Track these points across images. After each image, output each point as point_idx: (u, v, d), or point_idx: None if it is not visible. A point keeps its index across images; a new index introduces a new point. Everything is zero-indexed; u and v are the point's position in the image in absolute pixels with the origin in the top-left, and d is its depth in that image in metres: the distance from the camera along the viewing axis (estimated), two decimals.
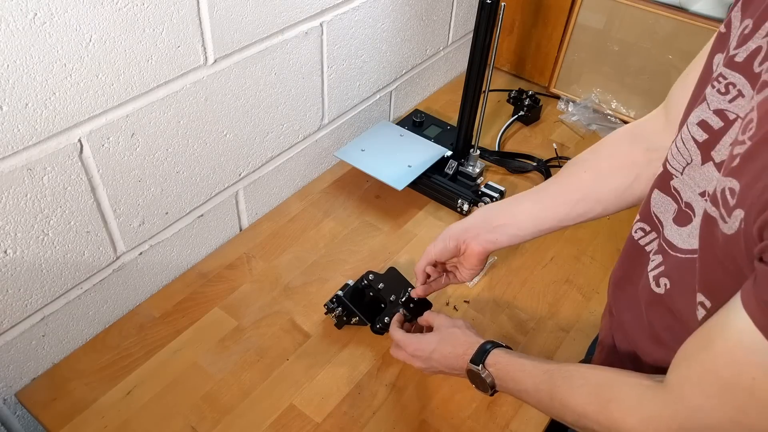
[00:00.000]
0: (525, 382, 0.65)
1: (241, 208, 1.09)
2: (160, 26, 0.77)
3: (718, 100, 0.50)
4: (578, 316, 0.99)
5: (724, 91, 0.49)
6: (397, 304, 0.90)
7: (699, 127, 0.51)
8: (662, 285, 0.56)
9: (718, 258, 0.46)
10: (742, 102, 0.47)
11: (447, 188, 1.17)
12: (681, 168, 0.54)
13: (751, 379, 0.41)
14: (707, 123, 0.50)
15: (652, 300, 0.58)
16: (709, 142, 0.50)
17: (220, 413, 0.84)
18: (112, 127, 0.79)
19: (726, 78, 0.49)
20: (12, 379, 0.85)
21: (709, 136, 0.50)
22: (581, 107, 1.42)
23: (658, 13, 1.26)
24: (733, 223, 0.43)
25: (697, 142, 0.52)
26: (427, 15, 1.30)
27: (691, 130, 0.52)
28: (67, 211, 0.79)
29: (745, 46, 0.47)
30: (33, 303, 0.81)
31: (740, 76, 0.48)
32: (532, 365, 0.66)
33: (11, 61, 0.64)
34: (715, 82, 0.50)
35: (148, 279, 0.97)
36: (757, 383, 0.41)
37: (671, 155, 0.56)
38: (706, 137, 0.51)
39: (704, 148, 0.51)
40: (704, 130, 0.51)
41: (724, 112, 0.49)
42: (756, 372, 0.41)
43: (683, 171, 0.54)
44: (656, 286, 0.57)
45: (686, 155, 0.53)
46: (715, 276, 0.47)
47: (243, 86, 0.95)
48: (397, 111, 1.41)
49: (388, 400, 0.86)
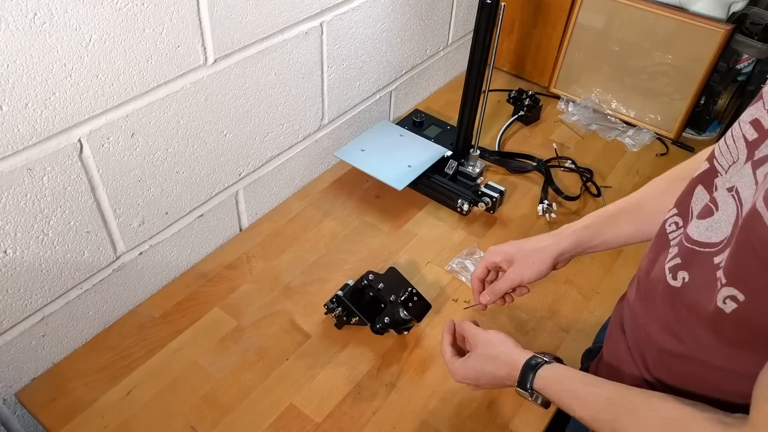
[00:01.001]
0: (580, 411, 0.60)
1: (241, 208, 1.09)
2: (160, 26, 0.77)
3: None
4: (578, 316, 0.99)
5: None
6: (397, 304, 0.90)
7: (751, 125, 0.50)
8: (680, 278, 0.54)
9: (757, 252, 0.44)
10: None
11: (447, 188, 1.17)
12: (727, 166, 0.53)
13: None
14: (760, 122, 0.49)
15: (668, 292, 0.56)
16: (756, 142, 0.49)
17: (220, 413, 0.84)
18: (112, 127, 0.79)
19: None
20: (12, 379, 0.85)
21: (758, 136, 0.49)
22: (581, 107, 1.42)
23: (658, 13, 1.26)
24: None
25: (746, 140, 0.51)
26: (427, 15, 1.30)
27: (743, 128, 0.51)
28: (67, 211, 0.79)
29: None
30: (33, 303, 0.81)
31: None
32: (587, 391, 0.60)
33: (11, 61, 0.64)
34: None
35: (148, 279, 0.97)
36: None
37: (719, 152, 0.54)
38: (756, 136, 0.49)
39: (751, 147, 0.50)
40: (756, 129, 0.50)
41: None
42: None
43: (728, 169, 0.53)
44: (673, 279, 0.55)
45: (734, 153, 0.52)
46: (752, 270, 0.46)
47: (243, 86, 0.95)
48: (397, 111, 1.41)
49: (388, 400, 0.86)
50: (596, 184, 1.25)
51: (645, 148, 1.36)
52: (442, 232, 1.13)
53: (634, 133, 1.38)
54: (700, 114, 1.37)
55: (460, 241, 1.12)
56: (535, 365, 0.66)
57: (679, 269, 0.55)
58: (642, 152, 1.35)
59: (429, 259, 1.08)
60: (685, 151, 1.37)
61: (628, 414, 0.55)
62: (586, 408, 0.59)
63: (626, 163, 1.32)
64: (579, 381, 0.62)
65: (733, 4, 1.23)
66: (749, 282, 0.47)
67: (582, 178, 1.25)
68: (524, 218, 1.17)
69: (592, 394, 0.60)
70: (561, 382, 0.64)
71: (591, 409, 0.59)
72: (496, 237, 1.13)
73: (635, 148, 1.35)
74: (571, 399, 0.62)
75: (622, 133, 1.38)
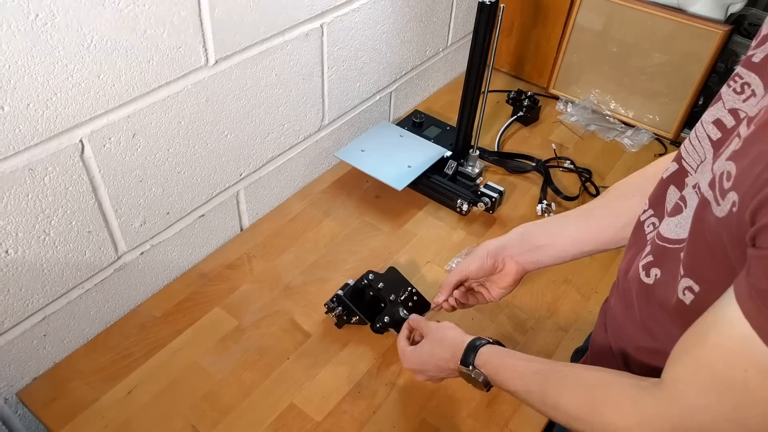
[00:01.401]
0: (516, 383, 0.64)
1: (241, 208, 1.10)
2: (161, 27, 0.77)
3: (733, 99, 0.50)
4: (577, 315, 0.99)
5: (739, 90, 0.49)
6: (397, 303, 0.91)
7: (714, 125, 0.52)
8: (653, 275, 0.56)
9: (707, 242, 0.46)
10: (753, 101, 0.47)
11: (446, 188, 1.17)
12: (696, 165, 0.54)
13: (743, 371, 0.41)
14: (722, 121, 0.51)
15: (641, 290, 0.58)
16: (721, 141, 0.50)
17: (221, 413, 0.84)
18: (114, 128, 0.79)
19: (742, 78, 0.49)
20: (13, 379, 0.85)
21: (721, 135, 0.50)
22: (580, 108, 1.43)
23: (657, 14, 1.26)
24: (725, 206, 0.43)
25: (711, 140, 0.52)
26: (426, 16, 1.31)
27: (707, 128, 0.53)
28: (69, 211, 0.79)
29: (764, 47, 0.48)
30: (34, 303, 0.82)
31: (755, 76, 0.48)
32: (523, 365, 0.64)
33: (13, 61, 0.65)
34: (731, 81, 0.51)
35: (149, 279, 0.98)
36: (749, 375, 0.40)
37: (686, 152, 0.55)
38: (720, 135, 0.51)
39: (716, 146, 0.51)
40: (718, 128, 0.51)
41: (737, 111, 0.49)
42: (748, 364, 0.40)
43: (697, 168, 0.54)
44: (646, 276, 0.57)
45: (701, 153, 0.53)
46: (703, 260, 0.47)
47: (244, 87, 0.95)
48: (396, 111, 1.41)
49: (388, 399, 0.87)
50: (595, 184, 1.25)
51: (644, 149, 1.36)
52: (441, 232, 1.14)
53: (633, 133, 1.38)
54: (698, 115, 1.36)
55: (460, 241, 1.12)
56: (478, 345, 0.70)
57: (651, 266, 0.56)
58: (641, 152, 1.35)
59: (429, 259, 1.08)
60: None
61: (556, 383, 0.59)
62: (519, 381, 0.63)
63: (625, 163, 1.32)
64: (515, 357, 0.66)
65: (732, 5, 1.23)
66: (702, 273, 0.48)
67: (581, 178, 1.26)
68: (523, 218, 1.17)
69: (525, 367, 0.63)
70: (499, 358, 0.67)
71: (524, 381, 0.62)
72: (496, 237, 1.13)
73: (634, 149, 1.36)
74: (506, 373, 0.65)
75: (620, 134, 1.39)
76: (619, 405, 0.52)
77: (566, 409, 0.57)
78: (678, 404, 0.46)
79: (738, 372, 0.41)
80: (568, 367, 0.61)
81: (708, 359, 0.44)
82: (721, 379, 0.43)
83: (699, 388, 0.45)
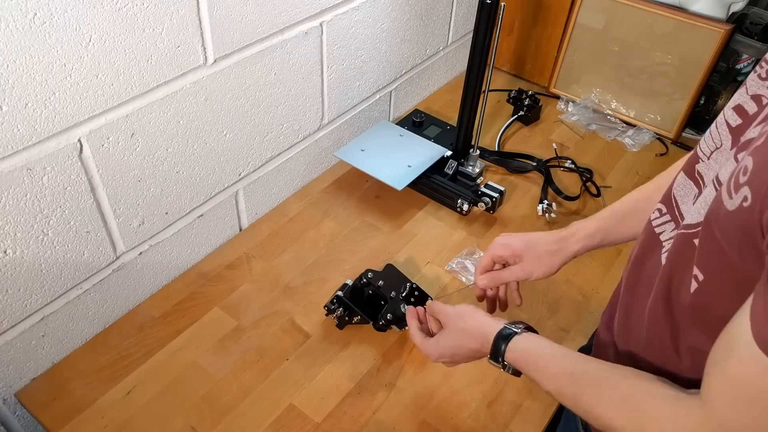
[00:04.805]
0: (548, 385, 0.61)
1: (240, 208, 1.09)
2: (160, 26, 0.77)
3: (757, 85, 0.49)
4: (578, 316, 0.99)
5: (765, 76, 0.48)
6: (399, 300, 0.90)
7: (734, 111, 0.50)
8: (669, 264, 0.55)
9: (715, 234, 0.45)
10: None
11: (447, 188, 1.17)
12: (709, 152, 0.53)
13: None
14: (743, 108, 0.49)
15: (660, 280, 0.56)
16: (741, 127, 0.49)
17: (220, 413, 0.84)
18: (112, 127, 0.79)
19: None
20: (12, 379, 0.85)
21: (742, 122, 0.49)
22: (581, 107, 1.42)
23: (658, 13, 1.26)
24: (736, 200, 0.42)
25: (729, 126, 0.51)
26: (426, 15, 1.30)
27: (726, 114, 0.52)
28: (67, 211, 0.79)
29: None
30: (33, 303, 0.81)
31: None
32: (556, 365, 0.61)
33: (11, 61, 0.64)
34: (758, 67, 0.49)
35: (147, 279, 0.97)
36: None
37: (704, 140, 0.55)
38: (740, 122, 0.50)
39: (736, 132, 0.50)
40: (739, 114, 0.50)
41: (760, 97, 0.48)
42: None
43: (710, 155, 0.53)
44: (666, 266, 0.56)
45: (717, 139, 0.52)
46: (711, 251, 0.46)
47: (243, 86, 0.95)
48: (396, 111, 1.41)
49: (388, 400, 0.86)
50: (596, 184, 1.25)
51: (645, 148, 1.36)
52: (441, 232, 1.13)
53: (634, 133, 1.38)
54: (699, 114, 1.37)
55: (460, 240, 1.12)
56: (507, 336, 0.66)
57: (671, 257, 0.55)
58: (642, 152, 1.35)
59: (429, 259, 1.08)
60: (685, 151, 1.37)
61: (589, 390, 0.56)
62: (552, 382, 0.60)
63: (626, 163, 1.32)
64: (547, 354, 0.63)
65: (733, 4, 1.23)
66: (708, 262, 0.47)
67: (582, 178, 1.25)
68: (524, 218, 1.17)
69: (558, 367, 0.61)
70: (530, 356, 0.64)
71: (556, 383, 0.60)
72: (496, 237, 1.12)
73: (635, 148, 1.35)
74: (539, 373, 0.62)
75: (621, 133, 1.38)
76: (659, 421, 0.50)
77: (601, 419, 0.55)
78: (714, 420, 0.45)
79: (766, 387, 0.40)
80: (603, 373, 0.57)
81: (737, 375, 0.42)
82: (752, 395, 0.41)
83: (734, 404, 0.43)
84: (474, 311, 0.73)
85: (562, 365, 0.61)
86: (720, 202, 0.44)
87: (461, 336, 0.72)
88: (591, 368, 0.58)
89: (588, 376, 0.58)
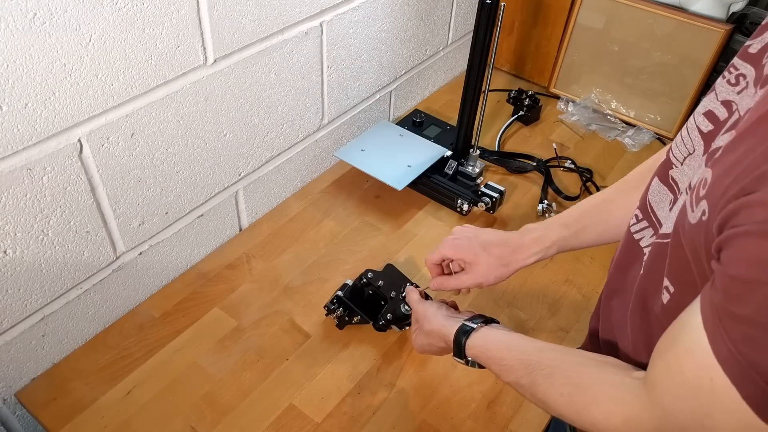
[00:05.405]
0: (506, 377, 0.63)
1: (240, 208, 1.09)
2: (160, 26, 0.77)
3: (726, 91, 0.49)
4: (578, 316, 0.99)
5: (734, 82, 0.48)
6: (398, 300, 0.90)
7: (705, 117, 0.50)
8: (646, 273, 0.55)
9: (683, 244, 0.45)
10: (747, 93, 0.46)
11: (447, 188, 1.17)
12: (682, 158, 0.53)
13: (710, 380, 0.40)
14: (713, 113, 0.49)
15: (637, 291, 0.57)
16: (712, 133, 0.49)
17: (220, 413, 0.84)
18: (112, 127, 0.79)
19: (737, 69, 0.48)
20: (12, 379, 0.85)
21: (714, 127, 0.49)
22: (581, 107, 1.42)
23: (658, 13, 1.26)
24: (696, 213, 0.42)
25: (701, 132, 0.51)
26: (426, 15, 1.30)
27: (697, 119, 0.51)
28: (67, 211, 0.79)
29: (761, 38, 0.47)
30: (33, 303, 0.81)
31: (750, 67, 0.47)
32: (512, 357, 0.62)
33: (11, 61, 0.64)
34: (726, 72, 0.49)
35: (147, 279, 0.97)
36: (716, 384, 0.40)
37: (675, 144, 0.55)
38: (711, 128, 0.50)
39: (707, 138, 0.50)
40: (710, 120, 0.50)
41: (730, 103, 0.48)
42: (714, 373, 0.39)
43: (684, 161, 0.53)
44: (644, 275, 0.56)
45: (689, 145, 0.52)
46: (680, 263, 0.47)
47: (243, 86, 0.95)
48: (396, 111, 1.41)
49: (388, 399, 0.86)
50: (596, 184, 1.25)
51: (645, 148, 1.36)
52: (441, 232, 1.13)
53: (634, 133, 1.38)
54: None
55: None
56: (465, 333, 0.68)
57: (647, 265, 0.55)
58: (642, 152, 1.35)
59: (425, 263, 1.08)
60: None
61: (542, 380, 0.58)
62: (510, 374, 0.62)
63: (626, 163, 1.32)
64: (503, 347, 0.65)
65: (733, 4, 1.23)
66: (678, 274, 0.48)
67: (582, 178, 1.26)
68: (524, 218, 1.17)
69: (512, 359, 0.62)
70: (488, 350, 0.66)
71: (513, 374, 0.61)
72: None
73: (635, 148, 1.35)
74: (497, 367, 0.64)
75: (621, 133, 1.38)
76: (606, 405, 0.52)
77: (554, 407, 0.56)
78: (658, 406, 0.46)
79: (705, 380, 0.40)
80: (555, 360, 0.59)
81: (679, 365, 0.44)
82: (691, 385, 0.42)
83: (674, 393, 0.44)
84: (435, 312, 0.76)
85: (517, 356, 0.62)
86: (684, 213, 0.45)
87: (428, 336, 0.76)
88: (543, 357, 0.60)
89: (540, 365, 0.59)
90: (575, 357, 0.59)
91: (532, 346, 0.63)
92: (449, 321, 0.73)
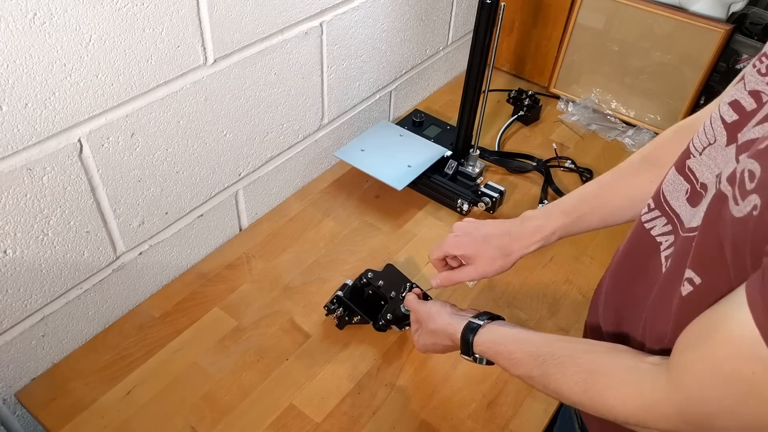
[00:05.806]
0: (516, 370, 0.63)
1: (240, 208, 1.09)
2: (160, 26, 0.77)
3: (756, 81, 0.48)
4: (578, 316, 0.99)
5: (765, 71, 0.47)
6: (399, 300, 0.90)
7: (730, 107, 0.50)
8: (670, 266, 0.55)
9: (718, 237, 0.45)
10: None
11: (447, 188, 1.17)
12: (701, 148, 0.53)
13: (751, 373, 0.41)
14: (740, 103, 0.49)
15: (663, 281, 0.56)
16: (738, 124, 0.48)
17: (220, 413, 0.84)
18: (112, 127, 0.79)
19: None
20: (12, 379, 0.85)
21: (739, 117, 0.48)
22: (581, 107, 1.42)
23: (658, 13, 1.26)
24: (744, 207, 0.41)
25: (725, 122, 0.50)
26: (426, 15, 1.30)
27: (722, 109, 0.51)
28: (67, 211, 0.79)
29: None
30: (33, 303, 0.81)
31: None
32: (521, 351, 0.62)
33: (11, 61, 0.64)
34: (757, 62, 0.48)
35: (147, 279, 0.97)
36: (757, 377, 0.40)
37: (697, 135, 0.54)
38: (736, 118, 0.49)
39: (732, 129, 0.49)
40: (735, 110, 0.49)
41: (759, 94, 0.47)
42: (756, 366, 0.40)
43: (702, 151, 0.52)
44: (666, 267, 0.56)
45: (710, 135, 0.52)
46: (711, 254, 0.46)
47: (243, 86, 0.95)
48: (396, 111, 1.41)
49: (388, 399, 0.86)
50: None
51: None
52: (441, 232, 1.13)
53: (634, 133, 1.38)
54: None
55: None
56: (472, 330, 0.68)
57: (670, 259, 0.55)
58: None
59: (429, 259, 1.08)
60: None
61: (554, 370, 0.57)
62: (520, 367, 0.62)
63: None
64: (511, 341, 0.65)
65: (733, 4, 1.23)
66: (707, 266, 0.47)
67: (582, 178, 1.25)
68: None
69: (522, 352, 0.62)
70: (497, 345, 0.66)
71: (524, 368, 0.61)
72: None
73: (635, 148, 1.35)
74: (506, 360, 0.64)
75: (621, 133, 1.38)
76: (621, 390, 0.51)
77: (568, 395, 0.56)
78: (684, 393, 0.46)
79: (746, 372, 0.41)
80: (566, 350, 0.59)
81: (716, 355, 0.44)
82: (729, 376, 0.43)
83: (706, 382, 0.44)
84: (440, 311, 0.76)
85: (526, 349, 0.62)
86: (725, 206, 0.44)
87: (433, 336, 0.76)
88: (555, 348, 0.60)
89: (551, 356, 0.59)
90: (585, 345, 0.59)
91: (541, 337, 0.63)
92: (454, 319, 0.73)
